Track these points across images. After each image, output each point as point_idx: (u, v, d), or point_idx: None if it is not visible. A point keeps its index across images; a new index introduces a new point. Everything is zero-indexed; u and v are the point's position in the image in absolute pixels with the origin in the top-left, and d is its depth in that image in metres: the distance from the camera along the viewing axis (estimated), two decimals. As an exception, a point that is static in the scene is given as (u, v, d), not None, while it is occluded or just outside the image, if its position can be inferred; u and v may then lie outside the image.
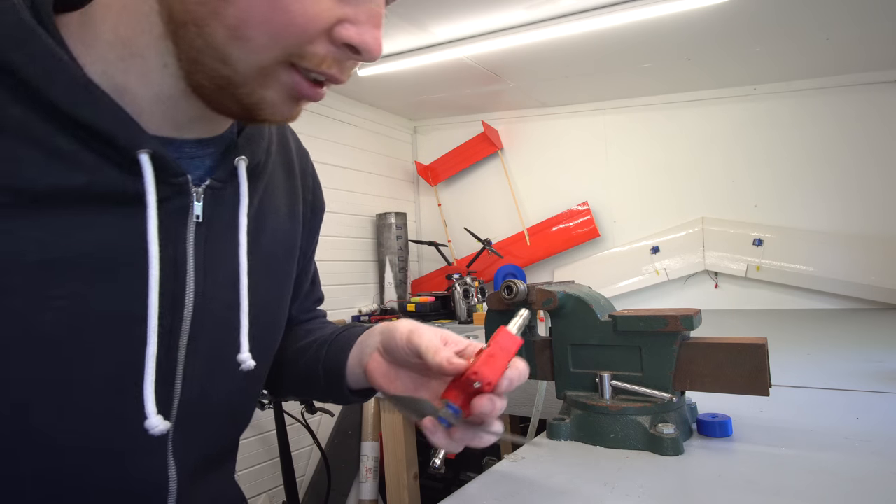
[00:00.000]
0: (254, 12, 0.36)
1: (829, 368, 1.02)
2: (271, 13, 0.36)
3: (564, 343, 0.68)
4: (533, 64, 2.45)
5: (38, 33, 0.36)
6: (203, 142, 0.47)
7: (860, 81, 2.36)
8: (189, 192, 0.45)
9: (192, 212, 0.45)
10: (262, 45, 0.37)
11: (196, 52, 0.38)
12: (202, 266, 0.47)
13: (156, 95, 0.41)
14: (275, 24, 0.36)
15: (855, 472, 0.51)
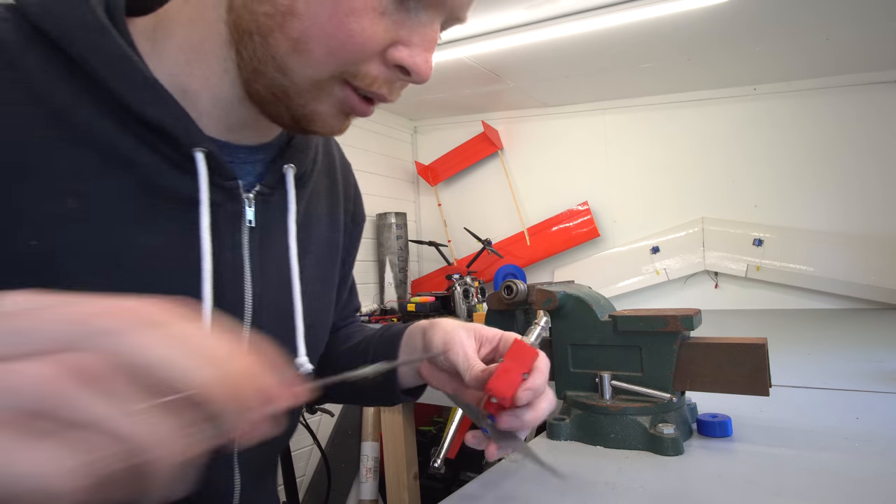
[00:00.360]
0: (316, 28, 0.37)
1: (829, 368, 1.02)
2: (332, 30, 0.37)
3: (564, 343, 0.68)
4: (533, 64, 2.45)
5: (112, 33, 0.38)
6: (254, 148, 0.48)
7: (860, 81, 2.36)
8: (240, 198, 0.46)
9: (245, 217, 0.46)
10: (319, 59, 0.39)
11: (258, 61, 0.40)
12: (258, 271, 0.48)
13: (215, 98, 0.43)
14: (335, 40, 0.38)
15: (855, 472, 0.51)
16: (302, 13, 0.37)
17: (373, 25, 0.38)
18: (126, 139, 0.39)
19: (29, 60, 0.37)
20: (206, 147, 0.41)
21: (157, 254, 0.41)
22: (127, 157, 0.39)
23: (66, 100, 0.38)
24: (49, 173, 0.37)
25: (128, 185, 0.39)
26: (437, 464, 0.62)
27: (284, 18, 0.37)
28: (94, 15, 0.38)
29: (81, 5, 0.38)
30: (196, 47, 0.41)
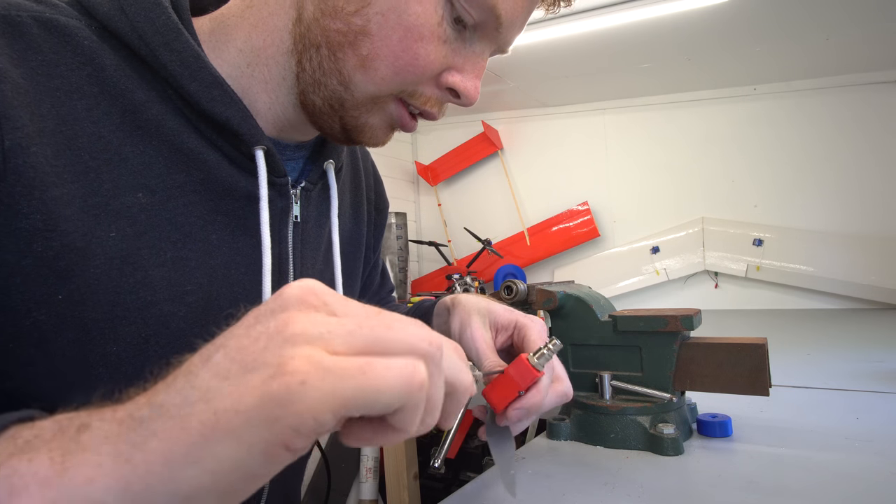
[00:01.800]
0: (386, 49, 0.40)
1: (829, 368, 1.02)
2: (401, 52, 0.40)
3: (564, 343, 0.68)
4: (533, 64, 2.45)
5: (184, 34, 0.40)
6: (297, 146, 0.51)
7: (860, 81, 2.36)
8: (289, 194, 0.48)
9: (292, 212, 0.48)
10: (384, 77, 0.42)
11: (322, 72, 0.42)
12: (299, 264, 0.50)
13: (271, 101, 0.45)
14: (401, 61, 0.41)
15: (855, 472, 0.51)
16: (374, 34, 0.40)
17: (435, 51, 0.41)
18: (192, 136, 0.41)
19: (105, 58, 0.38)
20: (266, 145, 0.43)
21: (216, 247, 0.43)
22: (192, 154, 0.41)
23: (140, 96, 0.39)
24: (124, 167, 0.38)
25: (192, 180, 0.41)
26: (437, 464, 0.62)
27: (356, 37, 0.40)
28: (167, 17, 0.40)
29: (155, 8, 0.40)
30: (258, 52, 0.44)
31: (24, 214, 0.34)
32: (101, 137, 0.38)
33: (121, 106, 0.39)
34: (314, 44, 0.42)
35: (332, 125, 0.45)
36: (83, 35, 0.38)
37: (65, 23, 0.38)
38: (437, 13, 0.40)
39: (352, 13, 0.40)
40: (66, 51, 0.37)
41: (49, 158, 0.35)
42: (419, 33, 0.40)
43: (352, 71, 0.41)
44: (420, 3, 0.40)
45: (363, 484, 2.27)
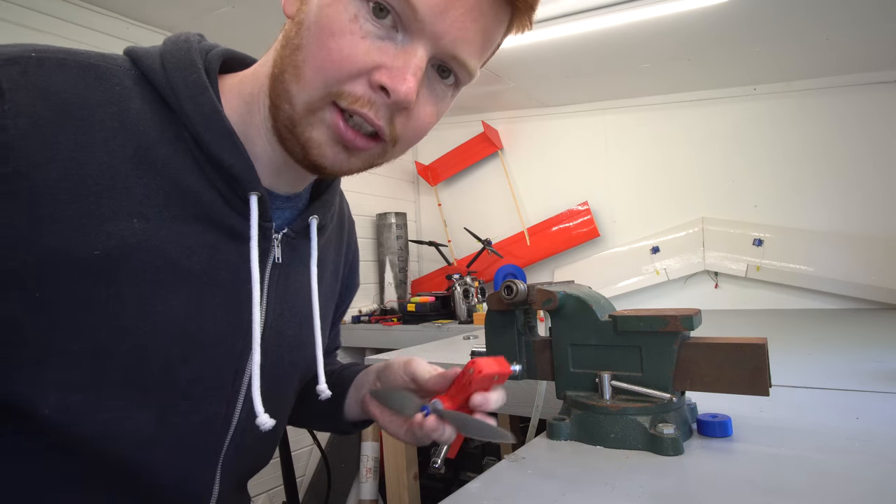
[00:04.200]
0: (309, 54, 0.44)
1: (829, 368, 1.02)
2: (317, 51, 0.44)
3: (564, 343, 0.68)
4: (533, 64, 2.45)
5: (209, 91, 0.46)
6: (287, 197, 0.57)
7: (860, 81, 2.36)
8: (271, 238, 0.54)
9: (273, 254, 0.54)
10: (310, 80, 0.45)
11: (277, 96, 0.47)
12: (274, 301, 0.55)
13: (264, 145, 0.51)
14: (318, 59, 0.44)
15: (855, 472, 0.51)
16: (304, 46, 0.44)
17: (351, 46, 0.44)
18: (195, 176, 0.46)
19: (132, 101, 0.45)
20: (260, 192, 0.49)
21: (197, 276, 0.47)
22: (191, 191, 0.46)
23: (154, 136, 0.45)
24: (126, 195, 0.43)
25: (186, 214, 0.46)
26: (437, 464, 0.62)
27: (294, 53, 0.45)
28: (198, 76, 0.47)
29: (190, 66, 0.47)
30: (249, 97, 0.50)
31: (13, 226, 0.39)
32: (111, 167, 0.43)
33: (135, 142, 0.44)
34: (277, 74, 0.47)
35: (293, 150, 0.49)
36: (117, 80, 0.45)
37: (104, 68, 0.44)
38: (347, 11, 0.43)
39: (293, 36, 0.45)
40: (98, 90, 0.43)
41: (50, 181, 0.40)
42: (330, 30, 0.43)
43: (290, 84, 0.46)
44: (330, 6, 0.44)
45: (363, 484, 2.27)
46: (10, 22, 1.76)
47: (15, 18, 1.77)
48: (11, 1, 1.76)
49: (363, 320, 2.75)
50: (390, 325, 2.55)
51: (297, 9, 0.47)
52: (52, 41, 1.84)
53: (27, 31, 1.79)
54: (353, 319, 2.78)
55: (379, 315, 2.81)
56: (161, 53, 0.48)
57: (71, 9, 1.91)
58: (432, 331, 2.34)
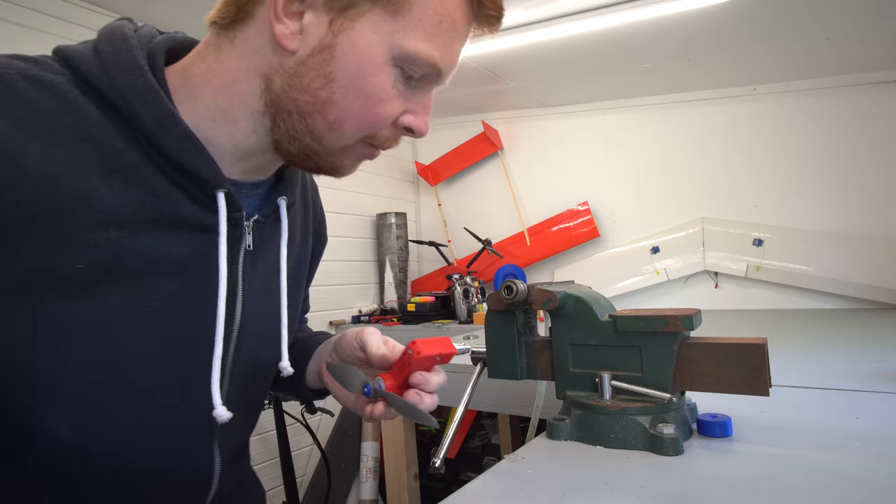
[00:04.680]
0: (351, 113, 0.48)
1: (829, 368, 1.02)
2: (364, 114, 0.48)
3: (564, 343, 0.68)
4: (533, 64, 2.45)
5: (160, 95, 0.46)
6: (255, 184, 0.57)
7: (860, 81, 2.36)
8: (242, 225, 0.54)
9: (244, 242, 0.55)
10: (350, 133, 0.50)
11: (295, 132, 0.49)
12: (248, 286, 0.56)
13: (237, 150, 0.52)
14: (364, 121, 0.48)
15: (855, 472, 0.51)
16: (339, 103, 0.47)
17: (392, 105, 0.49)
18: (162, 180, 0.47)
19: (88, 109, 0.44)
20: (226, 188, 0.50)
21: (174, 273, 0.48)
22: (162, 194, 0.47)
23: (118, 144, 0.45)
24: (100, 205, 0.43)
25: (159, 217, 0.47)
26: (437, 464, 0.62)
27: (324, 106, 0.48)
28: (146, 79, 0.45)
29: (135, 70, 0.45)
30: (224, 111, 0.49)
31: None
32: (80, 180, 0.42)
33: (101, 151, 0.44)
34: (285, 110, 0.48)
35: (307, 165, 0.53)
36: (67, 88, 0.43)
37: (50, 78, 0.43)
38: (390, 79, 0.48)
39: (318, 88, 0.47)
40: (52, 101, 0.42)
41: (25, 201, 0.40)
42: (378, 98, 0.48)
43: (322, 132, 0.49)
44: (376, 75, 0.47)
45: (363, 484, 2.27)
46: (10, 22, 1.76)
47: (15, 18, 1.77)
48: (11, 1, 1.76)
49: (363, 320, 2.75)
50: (390, 325, 2.55)
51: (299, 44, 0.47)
52: (53, 41, 1.84)
53: (27, 31, 1.79)
54: (352, 319, 2.78)
55: (379, 315, 2.81)
56: (99, 54, 0.45)
57: (71, 9, 1.91)
58: (432, 331, 2.34)
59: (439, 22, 0.47)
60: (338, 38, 0.46)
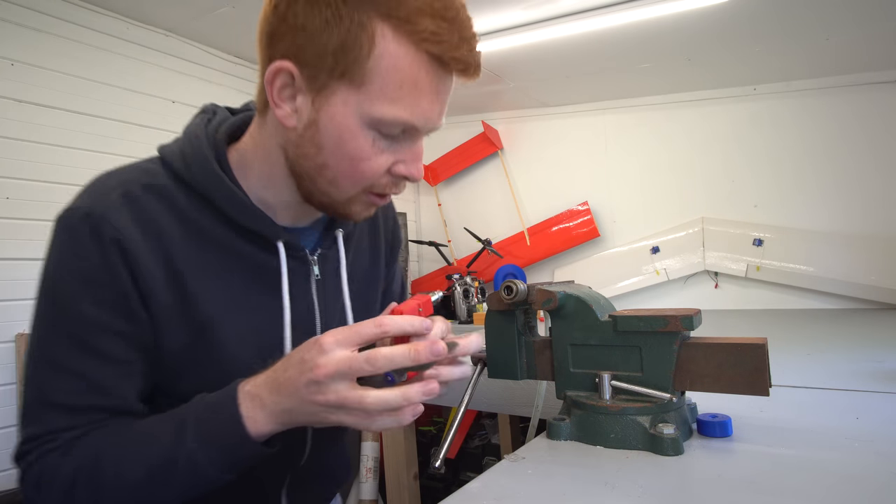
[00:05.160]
0: (342, 172, 0.57)
1: (829, 368, 1.02)
2: (352, 171, 0.57)
3: (564, 343, 0.68)
4: (533, 64, 2.45)
5: (224, 180, 0.59)
6: (312, 225, 0.70)
7: (860, 81, 2.36)
8: (308, 261, 0.67)
9: (313, 274, 0.67)
10: (348, 188, 0.58)
11: (308, 187, 0.60)
12: (324, 308, 0.69)
13: (285, 205, 0.64)
14: (354, 177, 0.57)
15: (855, 472, 0.51)
16: (332, 165, 0.56)
17: (377, 164, 0.57)
18: (237, 240, 0.61)
19: (180, 200, 0.59)
20: (284, 238, 0.63)
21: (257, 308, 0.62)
22: (237, 251, 0.61)
23: (204, 223, 0.60)
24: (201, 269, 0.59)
25: (239, 267, 0.61)
26: (437, 464, 0.62)
27: (321, 169, 0.57)
28: (213, 169, 0.59)
29: (206, 164, 0.59)
30: (269, 177, 0.62)
31: (146, 321, 0.57)
32: (189, 257, 0.58)
33: (194, 230, 0.59)
34: (299, 174, 0.59)
35: (329, 213, 0.64)
36: (168, 189, 0.59)
37: (158, 184, 0.59)
38: (367, 140, 0.55)
39: (314, 155, 0.56)
40: (161, 205, 0.58)
41: (162, 285, 0.56)
42: (360, 158, 0.56)
43: (326, 188, 0.59)
44: (354, 140, 0.55)
45: (363, 484, 2.27)
46: (10, 22, 1.76)
47: (15, 18, 1.77)
48: (11, 1, 1.76)
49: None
50: (390, 325, 2.55)
51: (297, 121, 0.56)
52: (52, 41, 1.84)
53: (27, 31, 1.80)
54: (353, 319, 2.78)
55: (379, 315, 2.81)
56: (183, 156, 0.60)
57: (71, 9, 1.91)
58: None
59: (400, 87, 0.53)
60: (319, 114, 0.55)
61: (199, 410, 0.53)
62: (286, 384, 0.50)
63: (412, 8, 0.50)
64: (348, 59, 0.51)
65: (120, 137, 2.00)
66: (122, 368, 0.56)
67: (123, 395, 0.56)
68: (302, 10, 0.51)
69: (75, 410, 0.54)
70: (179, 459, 0.50)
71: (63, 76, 1.87)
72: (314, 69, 0.53)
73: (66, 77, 1.88)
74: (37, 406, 0.55)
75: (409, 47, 0.51)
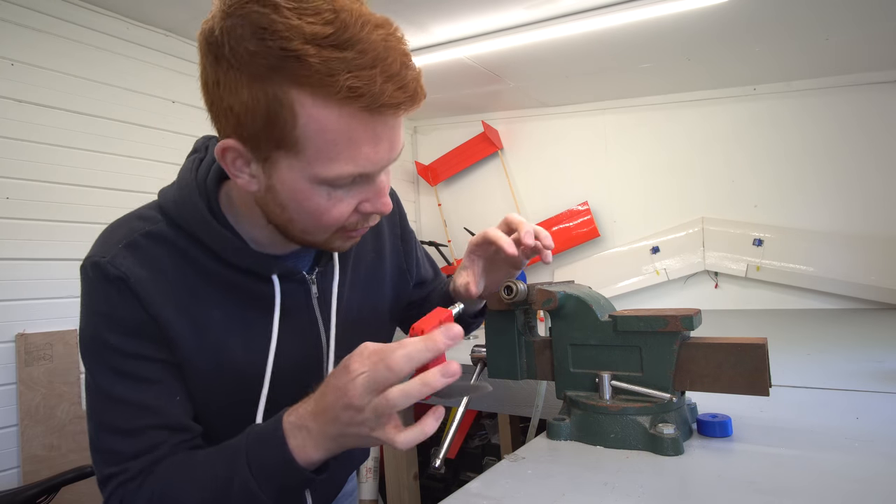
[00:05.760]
0: (310, 225, 0.60)
1: (829, 368, 1.02)
2: (318, 223, 0.59)
3: (564, 343, 0.68)
4: (533, 64, 2.45)
5: (213, 224, 0.63)
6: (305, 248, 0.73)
7: (860, 81, 2.36)
8: (306, 281, 0.71)
9: (313, 292, 0.72)
10: (320, 234, 0.62)
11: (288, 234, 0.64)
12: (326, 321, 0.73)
13: (274, 240, 0.67)
14: (322, 226, 0.60)
15: (855, 472, 0.51)
16: (297, 220, 0.60)
17: (339, 208, 0.59)
18: (235, 275, 0.65)
19: (180, 242, 0.64)
20: (278, 270, 0.67)
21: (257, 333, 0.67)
22: (237, 285, 0.65)
23: (204, 262, 0.64)
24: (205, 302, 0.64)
25: (239, 298, 0.66)
26: (437, 464, 0.62)
27: (290, 223, 0.61)
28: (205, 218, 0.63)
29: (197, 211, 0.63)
30: (255, 220, 0.65)
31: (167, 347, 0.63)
32: (193, 291, 0.63)
33: (195, 269, 0.64)
34: (274, 224, 0.63)
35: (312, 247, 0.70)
36: (166, 234, 0.63)
37: (156, 230, 0.63)
38: (322, 196, 0.57)
39: (280, 213, 0.60)
40: (162, 248, 0.63)
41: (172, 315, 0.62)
42: (320, 212, 0.58)
43: (301, 235, 0.63)
44: (309, 199, 0.57)
45: (363, 484, 2.27)
46: (10, 22, 1.76)
47: (15, 18, 1.77)
48: (11, 1, 1.76)
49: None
50: (390, 325, 2.55)
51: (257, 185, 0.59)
52: (52, 41, 1.84)
53: (27, 31, 1.80)
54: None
55: (379, 315, 2.81)
56: (175, 203, 0.64)
57: (71, 9, 1.91)
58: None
59: (334, 145, 0.53)
60: (272, 180, 0.57)
61: (251, 442, 0.56)
62: (327, 411, 0.52)
63: (322, 70, 0.49)
64: (277, 132, 0.52)
65: (120, 137, 2.00)
66: (160, 388, 0.62)
67: (170, 413, 0.62)
68: (224, 94, 0.53)
69: (132, 434, 0.60)
70: (234, 488, 0.55)
71: (63, 76, 1.87)
72: (254, 143, 0.54)
73: (66, 77, 1.88)
74: (100, 435, 0.61)
75: (331, 109, 0.51)
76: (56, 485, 1.30)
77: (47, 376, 1.75)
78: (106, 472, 0.59)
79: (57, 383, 1.77)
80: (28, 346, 1.72)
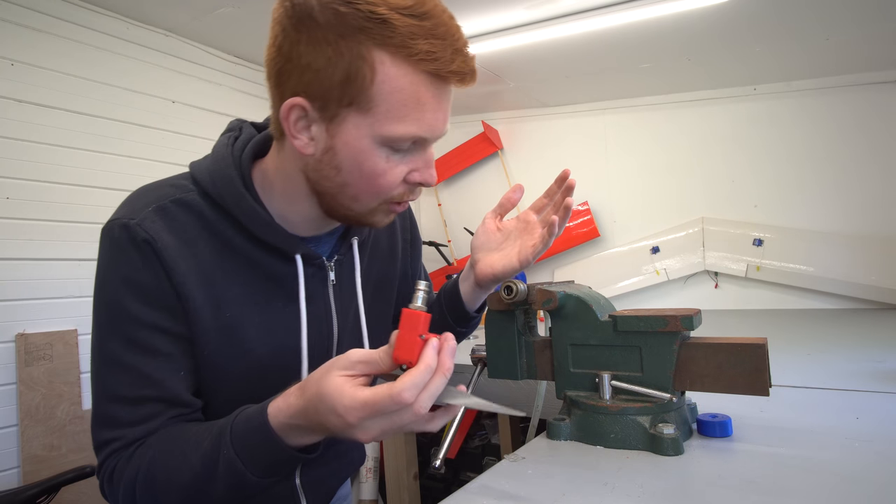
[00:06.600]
0: (361, 189, 0.62)
1: (829, 368, 1.02)
2: (371, 188, 0.61)
3: (564, 343, 0.68)
4: (533, 64, 2.45)
5: (246, 197, 0.65)
6: (329, 233, 0.75)
7: (860, 81, 2.36)
8: (325, 267, 0.72)
9: (330, 278, 0.73)
10: (369, 201, 0.63)
11: (331, 204, 0.65)
12: (340, 311, 0.74)
13: (306, 220, 0.69)
14: (373, 191, 0.62)
15: (855, 472, 0.52)
16: (351, 184, 0.61)
17: (393, 178, 0.61)
18: (258, 252, 0.66)
19: (208, 213, 0.65)
20: (302, 250, 0.68)
21: (278, 312, 0.68)
22: (259, 262, 0.67)
23: (229, 234, 0.65)
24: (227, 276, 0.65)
25: (259, 275, 0.67)
26: (437, 464, 0.62)
27: (343, 188, 0.62)
28: (237, 189, 0.65)
29: (231, 183, 0.64)
30: (291, 197, 0.67)
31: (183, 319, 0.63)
32: (216, 264, 0.64)
33: (220, 241, 0.65)
34: (321, 192, 0.64)
35: (351, 223, 0.71)
36: (196, 203, 0.64)
37: (188, 199, 0.64)
38: (381, 157, 0.59)
39: (335, 176, 0.61)
40: (191, 217, 0.64)
41: (193, 286, 0.62)
42: (376, 174, 0.60)
43: (349, 204, 0.64)
44: (369, 159, 0.59)
45: (363, 484, 2.27)
46: (10, 22, 1.76)
47: (15, 18, 1.77)
48: (11, 1, 1.76)
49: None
50: (390, 325, 2.55)
51: (314, 148, 0.60)
52: (52, 41, 1.84)
53: (27, 31, 1.80)
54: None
55: (379, 315, 2.81)
56: (209, 173, 0.66)
57: (71, 9, 1.91)
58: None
59: (404, 105, 0.57)
60: (335, 140, 0.59)
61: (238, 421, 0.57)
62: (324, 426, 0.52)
63: (405, 33, 0.54)
64: (353, 89, 0.56)
65: (120, 137, 2.00)
66: (169, 362, 0.62)
67: (173, 387, 0.62)
68: (305, 51, 0.56)
69: (133, 402, 0.61)
70: (220, 464, 0.55)
71: (63, 76, 1.87)
72: (324, 101, 0.57)
73: (66, 77, 1.88)
74: (101, 400, 0.61)
75: (407, 69, 0.55)
76: (56, 485, 1.30)
77: (47, 376, 1.75)
78: (103, 437, 0.61)
79: (57, 383, 1.77)
80: (28, 346, 1.72)
